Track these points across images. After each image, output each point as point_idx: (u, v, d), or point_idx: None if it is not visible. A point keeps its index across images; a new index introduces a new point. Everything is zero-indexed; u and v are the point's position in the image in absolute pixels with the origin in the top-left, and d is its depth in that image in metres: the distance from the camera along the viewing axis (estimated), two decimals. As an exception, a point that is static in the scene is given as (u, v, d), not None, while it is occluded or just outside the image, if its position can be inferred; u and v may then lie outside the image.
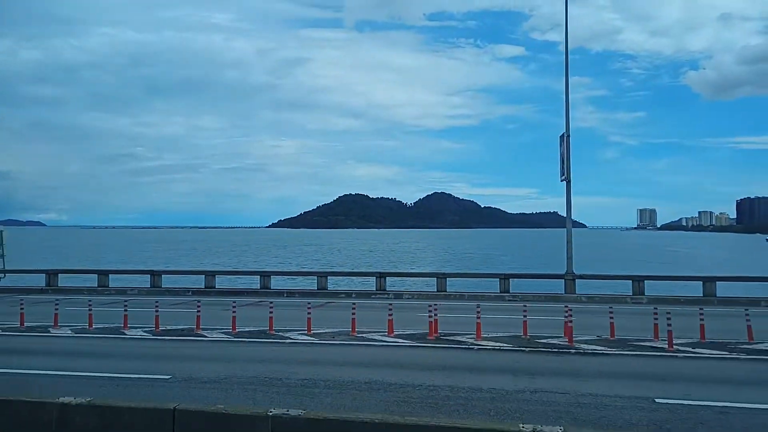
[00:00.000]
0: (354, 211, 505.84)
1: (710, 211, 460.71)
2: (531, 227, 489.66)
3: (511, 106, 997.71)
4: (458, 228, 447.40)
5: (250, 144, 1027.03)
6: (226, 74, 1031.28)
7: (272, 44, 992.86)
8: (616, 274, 28.64)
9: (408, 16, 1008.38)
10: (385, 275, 26.09)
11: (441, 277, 25.44)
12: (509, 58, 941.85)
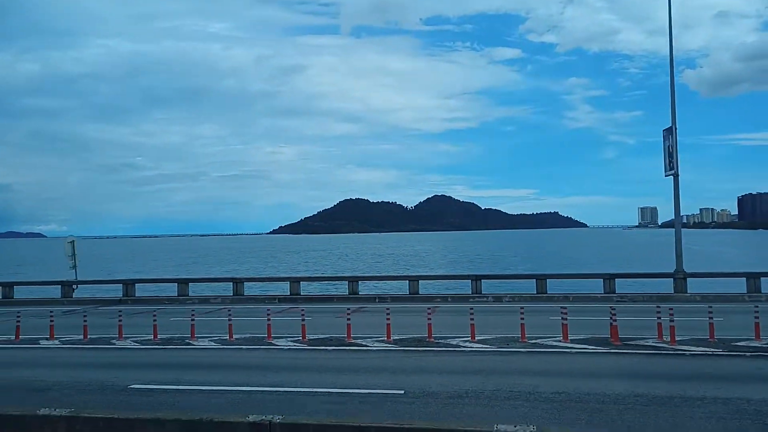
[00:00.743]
0: (354, 216, 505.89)
1: (712, 208, 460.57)
2: (532, 228, 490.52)
3: (508, 108, 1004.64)
4: (459, 230, 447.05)
5: (249, 151, 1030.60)
6: (224, 83, 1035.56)
7: (269, 52, 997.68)
8: (729, 272, 27.87)
9: (404, 21, 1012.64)
10: (480, 278, 25.52)
11: (540, 279, 24.82)
12: (506, 60, 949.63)
